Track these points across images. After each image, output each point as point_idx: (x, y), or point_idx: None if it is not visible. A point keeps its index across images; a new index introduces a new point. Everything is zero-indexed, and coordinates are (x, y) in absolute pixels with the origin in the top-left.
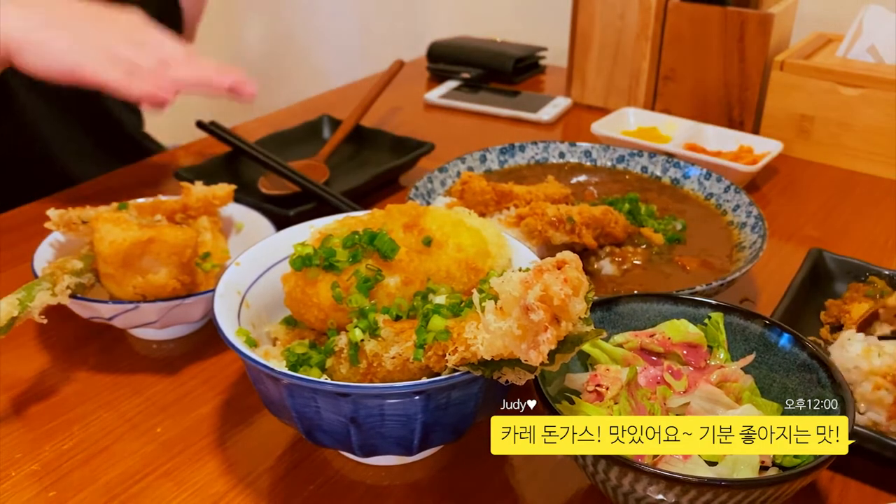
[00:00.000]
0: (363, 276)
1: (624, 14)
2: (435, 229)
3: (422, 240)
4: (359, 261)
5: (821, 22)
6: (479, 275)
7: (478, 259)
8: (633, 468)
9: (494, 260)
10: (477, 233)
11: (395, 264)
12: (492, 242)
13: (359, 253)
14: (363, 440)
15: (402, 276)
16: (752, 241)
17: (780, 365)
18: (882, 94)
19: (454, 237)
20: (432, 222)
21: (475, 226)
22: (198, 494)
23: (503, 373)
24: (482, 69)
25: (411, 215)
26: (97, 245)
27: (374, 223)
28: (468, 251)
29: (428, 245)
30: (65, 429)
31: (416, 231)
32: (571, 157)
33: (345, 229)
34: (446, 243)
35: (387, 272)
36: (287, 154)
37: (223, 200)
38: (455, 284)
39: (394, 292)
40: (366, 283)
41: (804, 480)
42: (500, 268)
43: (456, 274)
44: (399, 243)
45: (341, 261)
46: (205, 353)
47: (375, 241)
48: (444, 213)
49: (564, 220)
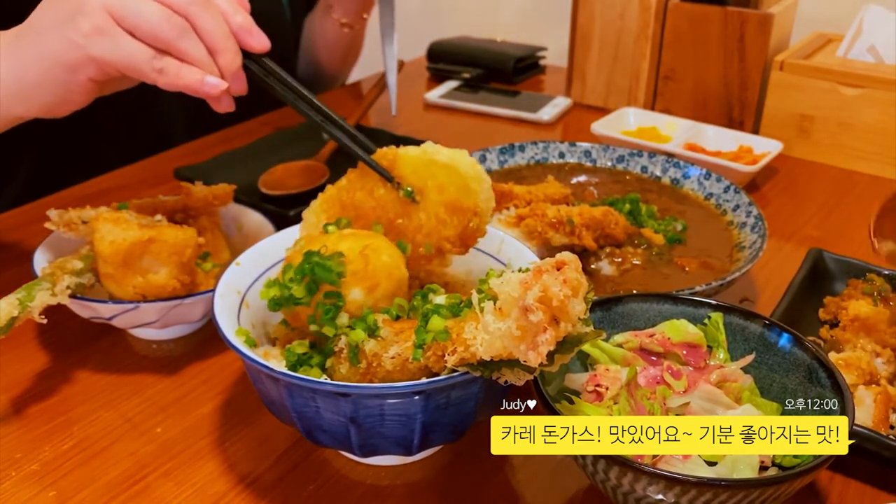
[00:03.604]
0: (325, 307)
1: (624, 14)
2: (409, 174)
3: (403, 194)
4: (317, 290)
5: (821, 22)
6: (466, 216)
7: (461, 197)
8: (633, 468)
9: (477, 196)
10: (453, 169)
11: (350, 278)
12: (470, 177)
13: (313, 287)
14: (363, 440)
15: (363, 285)
16: (752, 241)
17: (780, 365)
18: (882, 94)
19: (431, 179)
20: (405, 167)
21: (448, 161)
22: (198, 494)
23: (502, 373)
24: (482, 69)
25: (387, 159)
26: (97, 245)
27: (352, 189)
28: (449, 192)
29: (411, 197)
30: (65, 429)
31: (393, 185)
32: (571, 157)
33: (323, 217)
34: (426, 188)
35: (346, 289)
36: (287, 154)
37: (223, 200)
38: (446, 230)
39: (363, 303)
40: (328, 315)
41: (804, 480)
42: (484, 205)
43: (445, 218)
44: (380, 201)
45: (301, 298)
46: (205, 353)
47: (318, 270)
48: (414, 155)
49: (564, 221)
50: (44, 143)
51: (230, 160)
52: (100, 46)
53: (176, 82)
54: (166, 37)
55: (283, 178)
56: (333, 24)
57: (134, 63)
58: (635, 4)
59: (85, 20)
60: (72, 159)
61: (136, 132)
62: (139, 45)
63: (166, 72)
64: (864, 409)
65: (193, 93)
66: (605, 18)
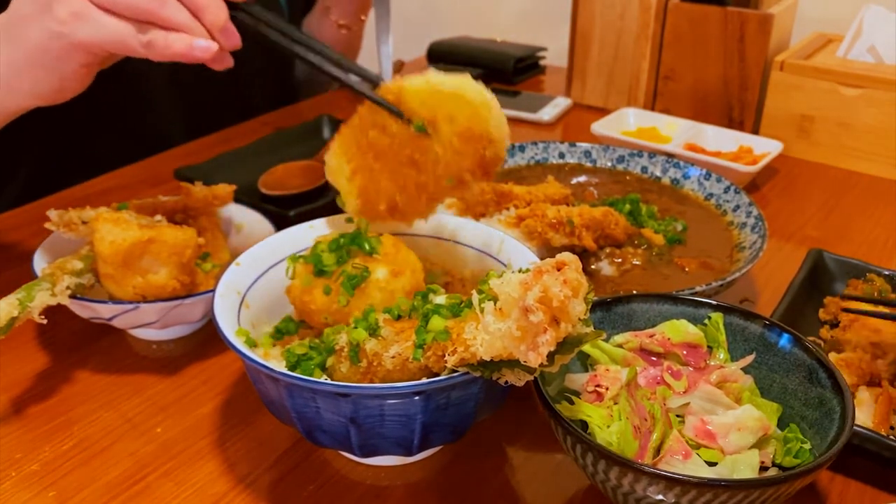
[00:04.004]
0: (349, 274)
1: (624, 14)
2: (418, 107)
3: (414, 129)
4: (345, 262)
5: (821, 22)
6: (481, 143)
7: (472, 126)
8: (633, 468)
9: (488, 123)
10: (461, 98)
11: (382, 258)
12: (479, 104)
13: (344, 255)
14: (363, 440)
15: (390, 267)
16: (752, 241)
17: (780, 365)
18: (882, 94)
19: (440, 110)
20: (412, 100)
21: (454, 90)
22: (198, 494)
23: (502, 374)
24: (482, 69)
25: (393, 93)
26: (97, 245)
27: (364, 127)
28: (459, 121)
29: (423, 131)
30: (65, 429)
31: (404, 121)
32: (571, 157)
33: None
34: (436, 120)
35: (374, 267)
36: (287, 154)
37: (223, 200)
38: (464, 161)
39: (384, 285)
40: (352, 281)
41: (804, 480)
42: (496, 132)
43: (460, 148)
44: (394, 138)
45: (329, 265)
46: (205, 353)
47: (357, 241)
48: (419, 87)
49: (564, 221)
50: (44, 144)
51: (230, 160)
52: (82, 31)
53: (165, 52)
54: (146, 7)
55: (283, 178)
56: (331, 25)
57: (119, 41)
58: (635, 4)
59: (60, 6)
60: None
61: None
62: (120, 22)
63: (154, 44)
64: (865, 410)
65: (185, 60)
66: (605, 18)
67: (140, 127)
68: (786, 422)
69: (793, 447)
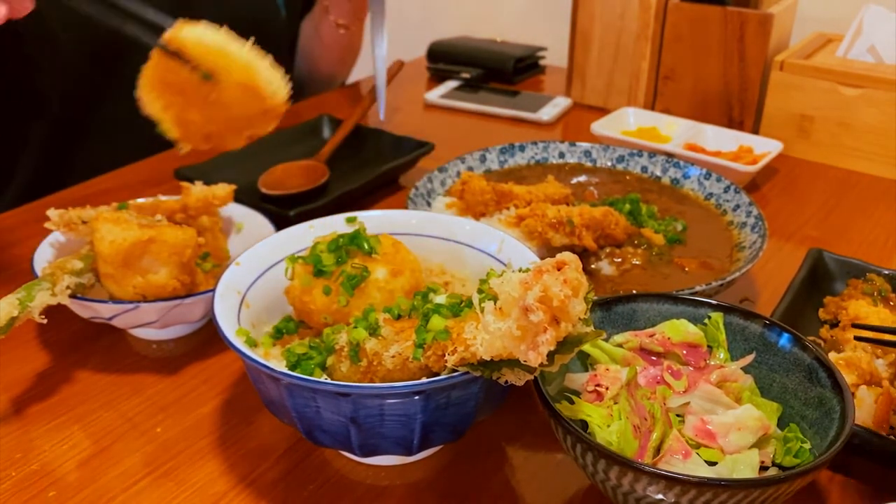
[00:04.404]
0: (349, 274)
1: (624, 14)
2: (201, 57)
3: (200, 75)
4: (344, 262)
5: (821, 22)
6: (264, 103)
7: (245, 79)
8: (633, 468)
9: (257, 78)
10: (227, 55)
11: (381, 258)
12: (244, 62)
13: (343, 255)
14: (363, 440)
15: (389, 267)
16: (752, 241)
17: (780, 365)
18: (882, 94)
19: (216, 62)
20: (194, 50)
21: (219, 48)
22: (198, 494)
23: (502, 373)
24: (482, 69)
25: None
26: (97, 245)
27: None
28: (234, 76)
29: (209, 79)
30: (65, 429)
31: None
32: (571, 157)
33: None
34: (217, 71)
35: (373, 266)
36: (287, 154)
37: (223, 200)
38: (251, 106)
39: (384, 285)
40: (351, 281)
41: (804, 480)
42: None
43: (244, 97)
44: (187, 81)
45: (328, 265)
46: (205, 353)
47: (356, 241)
48: (192, 39)
49: (564, 221)
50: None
51: (230, 160)
52: None
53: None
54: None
55: (282, 178)
56: (330, 25)
57: None
58: (635, 4)
59: None
60: (72, 159)
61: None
62: None
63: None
64: (865, 410)
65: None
66: (605, 18)
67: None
68: (786, 421)
69: (793, 447)
